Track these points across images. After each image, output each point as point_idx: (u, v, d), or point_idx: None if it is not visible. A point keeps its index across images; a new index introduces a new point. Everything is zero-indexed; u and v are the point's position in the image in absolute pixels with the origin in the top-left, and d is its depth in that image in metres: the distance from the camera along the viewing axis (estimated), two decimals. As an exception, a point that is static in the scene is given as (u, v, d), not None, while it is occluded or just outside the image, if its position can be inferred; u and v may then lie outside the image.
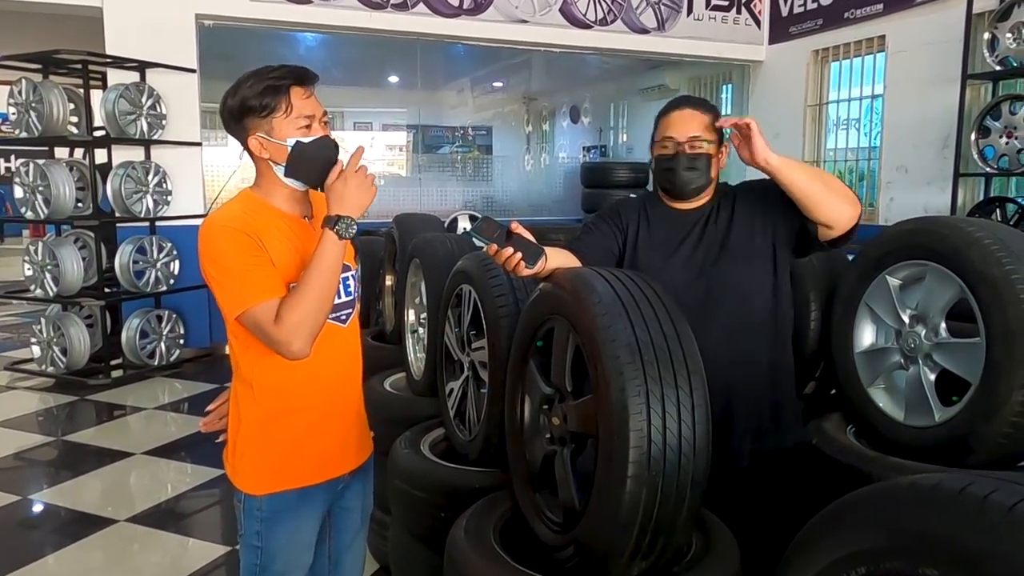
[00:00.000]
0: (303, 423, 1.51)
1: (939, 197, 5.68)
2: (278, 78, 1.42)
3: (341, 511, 1.64)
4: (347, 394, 1.60)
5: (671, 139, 1.83)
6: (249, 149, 1.46)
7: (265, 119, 1.42)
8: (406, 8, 6.32)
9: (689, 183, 1.84)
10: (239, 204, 1.49)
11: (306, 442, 1.51)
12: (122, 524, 3.16)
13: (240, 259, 1.38)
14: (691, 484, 1.26)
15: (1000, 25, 4.96)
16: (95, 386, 5.24)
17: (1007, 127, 4.95)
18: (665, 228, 1.89)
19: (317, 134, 1.45)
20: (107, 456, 3.99)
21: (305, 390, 1.50)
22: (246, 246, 1.38)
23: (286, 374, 1.47)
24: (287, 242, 1.45)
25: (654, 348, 1.28)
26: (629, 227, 1.90)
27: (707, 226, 1.87)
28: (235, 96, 1.43)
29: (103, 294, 5.41)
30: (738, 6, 7.41)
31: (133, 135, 5.38)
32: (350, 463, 1.61)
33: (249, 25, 6.09)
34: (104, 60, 5.40)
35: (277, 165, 1.45)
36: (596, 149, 10.63)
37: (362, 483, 1.67)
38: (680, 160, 1.82)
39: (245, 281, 1.37)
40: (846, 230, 1.77)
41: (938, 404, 1.85)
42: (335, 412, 1.57)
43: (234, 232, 1.39)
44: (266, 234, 1.42)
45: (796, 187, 1.70)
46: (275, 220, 1.47)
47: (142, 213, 5.45)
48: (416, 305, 2.78)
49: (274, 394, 1.48)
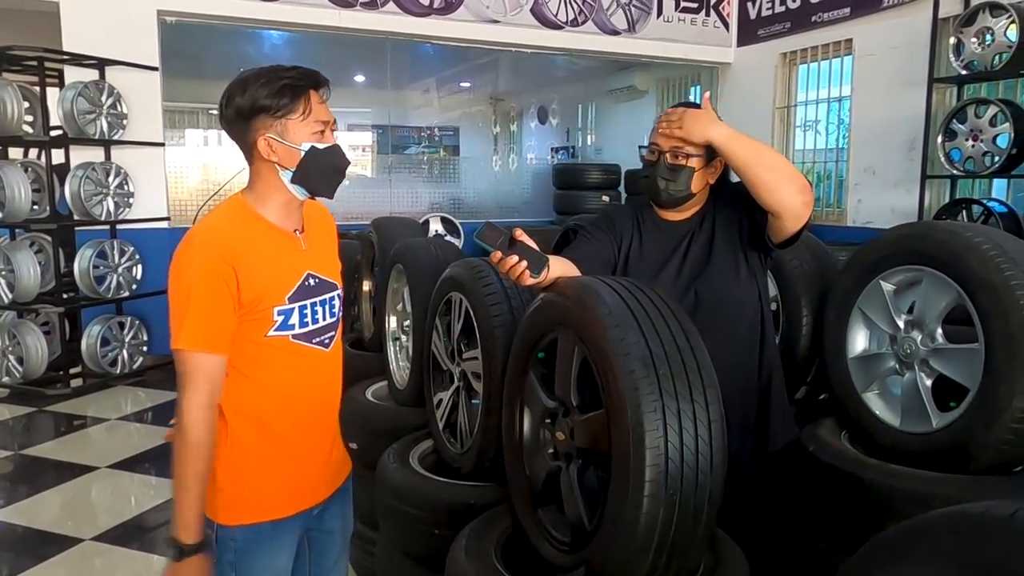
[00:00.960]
0: (279, 452, 1.44)
1: (906, 199, 5.77)
2: (296, 78, 1.35)
3: (322, 535, 1.57)
4: (325, 421, 1.54)
5: (656, 145, 1.79)
6: (253, 151, 1.38)
7: (279, 120, 1.35)
8: (375, 7, 6.22)
9: (664, 192, 1.79)
10: (227, 215, 1.41)
11: (281, 472, 1.44)
12: (84, 542, 3.03)
13: (199, 294, 1.30)
14: (708, 501, 1.22)
15: (965, 30, 5.05)
16: (54, 396, 5.05)
17: (973, 130, 5.04)
18: (656, 239, 1.86)
19: (330, 142, 1.40)
20: (67, 470, 3.83)
21: (281, 417, 1.43)
22: (212, 279, 1.31)
23: (261, 400, 1.41)
24: (272, 259, 1.39)
25: (668, 361, 1.24)
26: (623, 236, 1.86)
27: (694, 237, 1.84)
28: (244, 94, 1.34)
29: (61, 300, 5.21)
30: (707, 8, 7.46)
31: (92, 135, 5.19)
32: (327, 490, 1.54)
33: (213, 22, 5.92)
34: (61, 57, 5.21)
35: (284, 170, 1.38)
36: (565, 150, 10.63)
37: (341, 505, 1.60)
38: (659, 168, 1.79)
39: (192, 319, 1.30)
40: (794, 228, 1.71)
41: (935, 410, 1.84)
42: (312, 440, 1.50)
43: (208, 257, 1.32)
44: (250, 253, 1.35)
45: (735, 161, 1.66)
46: (263, 235, 1.40)
47: (102, 216, 5.27)
48: (398, 312, 2.70)
49: (248, 420, 1.40)
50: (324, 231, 1.55)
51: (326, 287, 1.48)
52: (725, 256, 1.80)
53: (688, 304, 1.76)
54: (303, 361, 1.43)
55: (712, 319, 1.73)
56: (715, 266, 1.79)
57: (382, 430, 2.37)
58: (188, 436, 1.30)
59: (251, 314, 1.35)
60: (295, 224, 1.46)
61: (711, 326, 1.64)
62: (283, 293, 1.38)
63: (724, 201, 1.85)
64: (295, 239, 1.44)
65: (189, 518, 1.32)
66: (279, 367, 1.41)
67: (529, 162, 10.79)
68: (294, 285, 1.41)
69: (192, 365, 1.31)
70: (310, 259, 1.46)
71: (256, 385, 1.39)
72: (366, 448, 2.43)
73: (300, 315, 1.41)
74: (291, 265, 1.42)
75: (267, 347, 1.39)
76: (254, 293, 1.34)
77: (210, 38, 6.52)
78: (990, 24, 4.90)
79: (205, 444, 1.32)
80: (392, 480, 1.92)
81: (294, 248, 1.43)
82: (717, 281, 1.79)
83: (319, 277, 1.46)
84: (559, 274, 1.52)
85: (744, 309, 1.81)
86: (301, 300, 1.41)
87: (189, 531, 1.32)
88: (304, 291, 1.42)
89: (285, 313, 1.39)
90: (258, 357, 1.39)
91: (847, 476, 1.78)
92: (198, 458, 1.31)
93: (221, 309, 1.32)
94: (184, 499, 1.32)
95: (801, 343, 2.27)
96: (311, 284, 1.44)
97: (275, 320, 1.38)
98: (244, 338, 1.36)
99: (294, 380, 1.43)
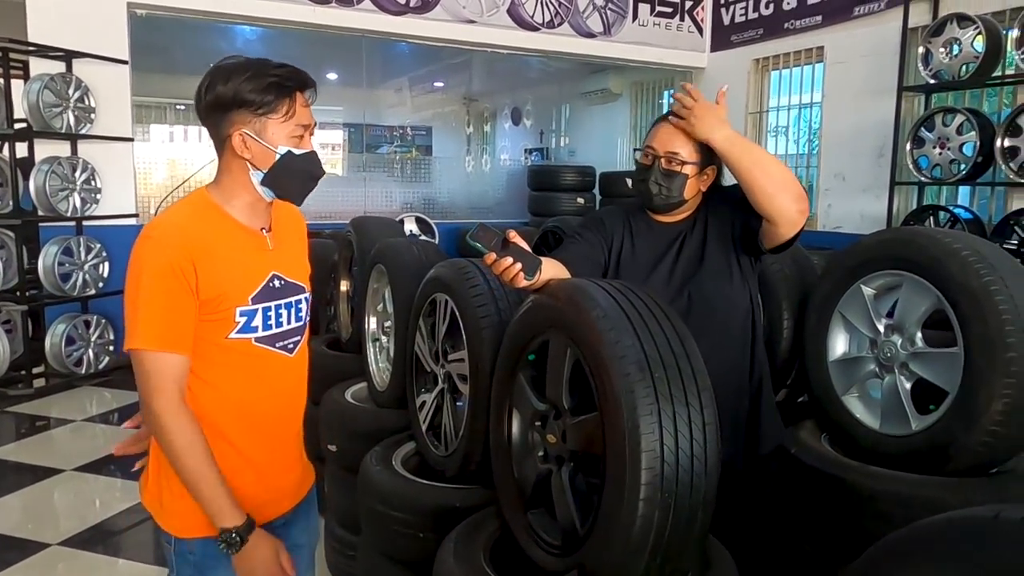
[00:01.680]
0: (237, 462, 1.37)
1: (875, 204, 5.89)
2: (284, 77, 1.30)
3: (290, 548, 1.49)
4: (287, 430, 1.48)
5: (652, 149, 1.79)
6: (226, 144, 1.33)
7: (259, 117, 1.30)
8: (351, 4, 6.17)
9: (657, 197, 1.80)
10: (188, 209, 1.35)
11: (240, 483, 1.36)
12: (46, 546, 2.96)
13: (155, 290, 1.24)
14: (703, 504, 1.22)
15: (934, 40, 5.16)
16: (15, 396, 4.92)
17: (940, 138, 5.15)
18: (647, 242, 1.86)
19: (308, 147, 1.36)
20: (29, 472, 3.74)
21: (240, 425, 1.37)
22: (170, 274, 1.25)
23: (220, 406, 1.35)
24: (235, 257, 1.33)
25: (663, 364, 1.24)
26: (614, 238, 1.85)
27: (686, 240, 1.84)
28: (227, 83, 1.28)
29: (24, 298, 5.07)
30: (681, 13, 7.53)
31: (59, 129, 5.07)
32: (290, 502, 1.49)
33: (184, 16, 5.81)
34: (27, 48, 5.07)
35: (256, 170, 1.33)
36: (538, 152, 10.64)
37: (306, 518, 1.55)
38: (652, 172, 1.79)
39: (148, 318, 1.25)
40: (788, 235, 1.73)
41: (915, 413, 1.87)
42: (273, 450, 1.44)
43: (165, 252, 1.25)
44: (211, 250, 1.29)
45: (734, 165, 1.67)
46: (226, 231, 1.34)
47: (68, 212, 5.15)
48: (379, 312, 2.67)
49: (206, 426, 1.32)
50: (293, 232, 1.50)
51: (292, 289, 1.42)
52: (717, 258, 1.80)
53: (681, 306, 1.76)
54: (265, 366, 1.38)
55: (705, 321, 1.73)
56: (707, 268, 1.79)
57: (362, 432, 2.34)
58: (175, 438, 1.25)
59: (212, 314, 1.30)
60: (262, 223, 1.40)
61: (704, 328, 1.64)
62: (246, 293, 1.33)
63: (717, 204, 1.85)
64: (261, 237, 1.39)
65: (222, 504, 1.28)
66: (240, 372, 1.36)
67: (502, 163, 10.78)
68: (258, 285, 1.35)
69: (153, 366, 1.25)
70: (276, 259, 1.40)
71: (215, 391, 1.33)
72: (345, 450, 2.40)
73: (264, 317, 1.36)
74: (255, 264, 1.36)
75: (228, 350, 1.33)
76: (215, 291, 1.29)
77: (180, 32, 6.40)
78: (958, 35, 5.02)
79: (194, 434, 1.27)
80: (376, 483, 1.89)
81: (259, 247, 1.38)
82: (709, 283, 1.79)
83: (285, 279, 1.41)
84: (551, 276, 1.51)
85: (736, 311, 1.81)
86: (265, 301, 1.36)
87: (230, 514, 1.28)
88: (268, 292, 1.37)
89: (248, 314, 1.33)
90: (218, 361, 1.33)
91: (830, 478, 1.80)
92: (195, 450, 1.26)
93: (179, 306, 1.26)
94: (205, 489, 1.27)
95: (782, 346, 2.30)
96: (276, 285, 1.38)
97: (237, 322, 1.32)
98: (204, 340, 1.31)
99: (256, 386, 1.37)
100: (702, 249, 1.82)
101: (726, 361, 1.78)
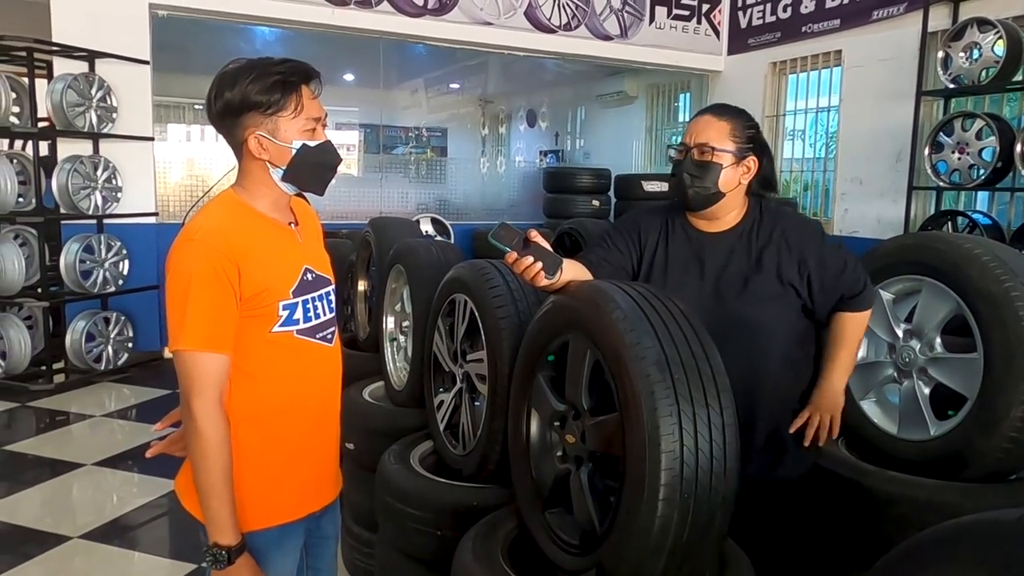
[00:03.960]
0: (283, 454, 1.40)
1: (892, 209, 5.85)
2: (288, 74, 1.32)
3: (320, 540, 1.54)
4: (329, 419, 1.51)
5: (684, 144, 1.74)
6: (243, 148, 1.35)
7: (270, 117, 1.32)
8: (369, 6, 6.21)
9: (691, 190, 1.71)
10: (223, 211, 1.37)
11: (286, 475, 1.40)
12: (65, 539, 2.99)
13: (201, 293, 1.26)
14: (721, 505, 1.23)
15: (953, 44, 5.13)
16: (36, 391, 4.97)
17: (959, 143, 5.12)
18: (685, 251, 1.76)
19: (321, 138, 1.38)
20: (48, 466, 3.77)
21: (287, 418, 1.39)
22: (215, 277, 1.27)
23: (268, 400, 1.37)
24: (273, 253, 1.36)
25: (683, 366, 1.25)
26: (647, 244, 1.79)
27: (732, 255, 1.73)
28: (234, 89, 1.30)
29: (46, 294, 5.13)
30: (698, 16, 7.52)
31: (81, 128, 5.13)
32: (330, 493, 1.52)
33: (205, 17, 5.87)
34: (51, 48, 5.13)
35: (275, 168, 1.36)
36: (553, 154, 10.64)
37: (334, 509, 1.58)
38: (684, 165, 1.72)
39: (194, 320, 1.26)
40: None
41: (933, 418, 1.87)
42: (317, 440, 1.47)
43: (210, 256, 1.27)
44: (252, 249, 1.32)
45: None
46: (262, 229, 1.37)
47: (89, 210, 5.20)
48: (396, 312, 2.70)
49: (251, 423, 1.35)
50: (311, 226, 1.53)
51: (322, 282, 1.45)
52: (766, 288, 1.70)
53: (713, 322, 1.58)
54: (307, 358, 1.41)
55: (736, 339, 1.63)
56: (752, 292, 1.70)
57: (380, 431, 2.36)
58: (205, 441, 1.26)
59: (255, 309, 1.32)
60: (287, 217, 1.43)
61: (734, 346, 1.55)
62: (287, 287, 1.36)
63: (803, 249, 1.71)
64: (291, 232, 1.42)
65: (225, 520, 1.28)
66: (284, 365, 1.38)
67: (517, 165, 10.79)
68: (296, 279, 1.38)
69: (197, 367, 1.26)
70: (306, 253, 1.44)
71: (260, 384, 1.36)
72: (363, 449, 2.42)
73: (304, 310, 1.39)
74: (291, 258, 1.39)
75: (272, 344, 1.36)
76: (258, 288, 1.31)
77: (200, 33, 6.46)
78: (978, 39, 4.99)
79: (224, 443, 1.29)
80: (394, 481, 1.91)
81: (292, 241, 1.41)
82: (749, 306, 1.70)
83: (315, 272, 1.44)
84: (571, 277, 1.52)
85: (773, 335, 1.71)
86: (303, 294, 1.39)
87: (228, 533, 1.28)
88: (304, 285, 1.40)
89: (290, 308, 1.36)
90: (263, 355, 1.36)
91: (848, 483, 1.81)
92: (220, 459, 1.28)
93: (223, 307, 1.28)
94: (216, 502, 1.28)
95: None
96: (309, 279, 1.41)
97: (280, 315, 1.35)
98: (248, 336, 1.33)
99: (299, 377, 1.40)
100: (755, 272, 1.71)
101: (753, 380, 1.69)
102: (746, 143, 1.72)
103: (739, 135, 1.71)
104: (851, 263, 1.74)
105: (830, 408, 1.76)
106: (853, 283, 1.73)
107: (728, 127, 1.71)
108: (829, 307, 1.75)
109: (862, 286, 1.74)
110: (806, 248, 1.71)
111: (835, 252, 1.73)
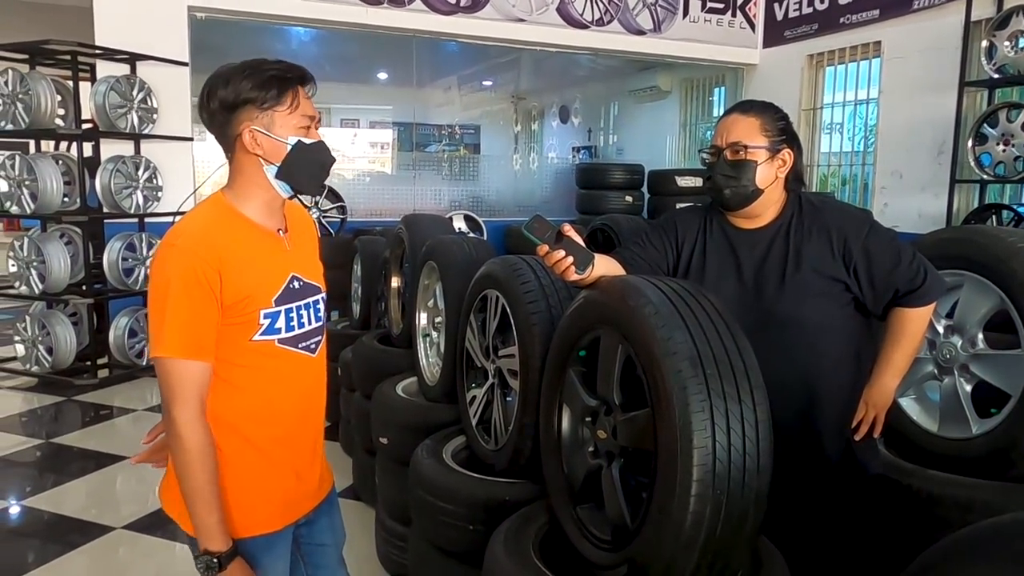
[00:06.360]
0: (261, 463, 1.38)
1: (933, 203, 5.72)
2: (284, 71, 1.32)
3: (314, 547, 1.53)
4: (310, 429, 1.49)
5: (715, 145, 1.73)
6: (236, 144, 1.33)
7: (265, 111, 1.30)
8: (403, 4, 6.25)
9: (727, 191, 1.69)
10: (209, 216, 1.35)
11: (264, 484, 1.37)
12: (109, 529, 3.08)
13: (181, 299, 1.24)
14: (754, 502, 1.22)
15: (998, 33, 4.99)
16: (81, 386, 5.11)
17: (1004, 135, 4.98)
18: (724, 249, 1.75)
19: (316, 138, 1.36)
20: (93, 459, 3.89)
21: (264, 426, 1.38)
22: (196, 283, 1.25)
23: (243, 407, 1.35)
24: (257, 260, 1.34)
25: (716, 361, 1.24)
26: (684, 244, 1.77)
27: (771, 251, 1.70)
28: (228, 87, 1.29)
29: (90, 291, 5.28)
30: (733, 9, 7.42)
31: (123, 129, 5.25)
32: (311, 502, 1.50)
33: (242, 18, 5.97)
34: (94, 52, 5.27)
35: (269, 164, 1.33)
36: (586, 150, 10.61)
37: (328, 517, 1.56)
38: (717, 167, 1.71)
39: (174, 327, 1.24)
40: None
41: (975, 416, 1.83)
42: (297, 451, 1.44)
43: (191, 261, 1.25)
44: (234, 255, 1.30)
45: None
46: (247, 235, 1.35)
47: (131, 209, 5.33)
48: (429, 308, 2.72)
49: (228, 429, 1.33)
50: (305, 233, 1.50)
51: (310, 290, 1.43)
52: (811, 280, 1.66)
53: (751, 321, 1.55)
54: (289, 367, 1.38)
55: (777, 339, 1.62)
56: (795, 286, 1.66)
57: (412, 426, 2.39)
58: (187, 450, 1.25)
59: (236, 317, 1.30)
60: (278, 223, 1.40)
61: (775, 346, 1.54)
62: (269, 295, 1.33)
63: (833, 233, 1.68)
64: (279, 239, 1.39)
65: (212, 526, 1.27)
66: (264, 374, 1.36)
67: (550, 161, 10.77)
68: (280, 287, 1.36)
69: (177, 375, 1.25)
70: (294, 261, 1.40)
71: (240, 393, 1.34)
72: (397, 444, 2.45)
73: (286, 319, 1.36)
74: (276, 266, 1.36)
75: (252, 352, 1.34)
76: (239, 295, 1.29)
77: (237, 34, 6.56)
78: None
79: (207, 450, 1.27)
80: (427, 476, 1.93)
81: (278, 249, 1.38)
82: (790, 299, 1.66)
83: (303, 280, 1.41)
84: (603, 272, 1.51)
85: (816, 332, 1.67)
86: (287, 303, 1.36)
87: (217, 539, 1.27)
88: (289, 294, 1.37)
89: (271, 316, 1.34)
90: (243, 363, 1.34)
91: (887, 481, 1.78)
92: (204, 466, 1.26)
93: (203, 313, 1.26)
94: (201, 508, 1.27)
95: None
96: (296, 287, 1.39)
97: (261, 324, 1.33)
98: (229, 343, 1.31)
99: (279, 387, 1.38)
100: (795, 264, 1.67)
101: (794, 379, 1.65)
102: (779, 136, 1.69)
103: (770, 129, 1.69)
104: (907, 256, 1.66)
105: (878, 406, 1.74)
106: (910, 277, 1.65)
107: (758, 123, 1.69)
108: (884, 303, 1.69)
109: (921, 280, 1.66)
110: (850, 240, 1.66)
111: (886, 244, 1.67)
